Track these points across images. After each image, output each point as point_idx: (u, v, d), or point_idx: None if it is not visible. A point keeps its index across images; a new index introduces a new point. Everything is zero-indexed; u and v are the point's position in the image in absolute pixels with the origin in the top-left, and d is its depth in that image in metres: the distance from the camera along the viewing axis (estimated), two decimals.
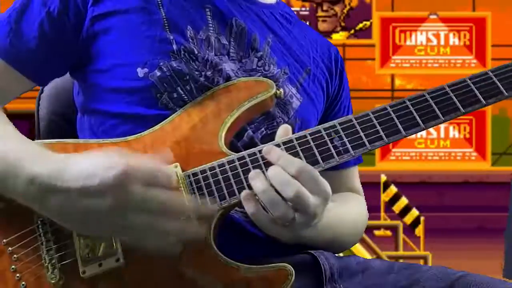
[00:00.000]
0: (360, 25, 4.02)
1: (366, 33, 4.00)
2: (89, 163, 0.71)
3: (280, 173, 0.74)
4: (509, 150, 3.91)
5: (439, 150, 3.96)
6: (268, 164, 0.77)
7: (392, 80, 4.00)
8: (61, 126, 1.12)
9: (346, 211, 0.99)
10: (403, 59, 4.02)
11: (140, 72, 0.88)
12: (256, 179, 0.75)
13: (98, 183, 0.69)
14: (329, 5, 3.98)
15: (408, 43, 4.04)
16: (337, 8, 4.00)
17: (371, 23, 4.02)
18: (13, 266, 0.77)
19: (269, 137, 0.83)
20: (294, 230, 0.76)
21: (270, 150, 0.77)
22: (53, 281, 0.75)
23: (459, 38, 4.02)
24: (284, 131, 0.81)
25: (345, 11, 3.99)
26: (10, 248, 0.78)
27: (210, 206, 0.76)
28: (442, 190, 3.70)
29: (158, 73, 0.88)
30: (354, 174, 1.11)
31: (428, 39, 4.03)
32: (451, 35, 4.02)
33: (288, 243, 0.85)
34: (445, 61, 4.01)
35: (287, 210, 0.73)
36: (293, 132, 0.95)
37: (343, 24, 3.96)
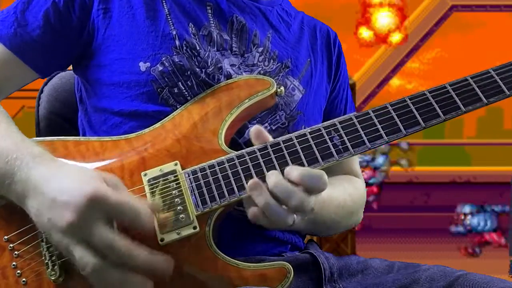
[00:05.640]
0: None
1: None
2: (69, 178, 0.71)
3: (281, 182, 0.73)
4: None
5: None
6: (268, 162, 0.77)
7: None
8: (61, 126, 1.13)
9: (329, 192, 0.95)
10: None
11: (142, 66, 0.88)
12: (256, 193, 0.73)
13: (65, 199, 0.68)
14: None
15: None
16: None
17: None
18: (14, 263, 0.78)
19: (272, 133, 0.82)
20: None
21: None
22: (53, 278, 0.75)
23: None
24: (256, 133, 0.79)
25: None
26: (11, 245, 0.79)
27: (163, 260, 0.71)
28: None
29: (160, 68, 0.88)
30: (353, 158, 1.08)
31: None
32: None
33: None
34: None
35: (287, 217, 0.73)
36: (295, 124, 0.95)
37: None
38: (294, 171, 0.73)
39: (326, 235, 1.01)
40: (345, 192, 1.00)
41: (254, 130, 0.78)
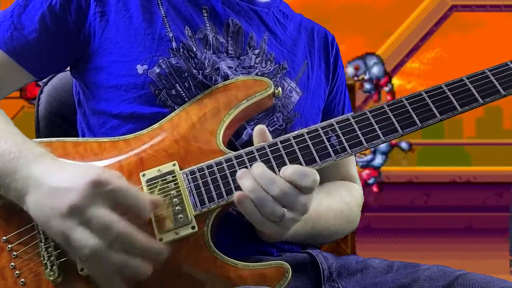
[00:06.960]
0: None
1: None
2: (72, 171, 0.72)
3: (264, 172, 0.74)
4: None
5: None
6: (265, 162, 0.77)
7: None
8: (60, 126, 1.13)
9: (328, 203, 0.97)
10: None
11: (140, 69, 0.89)
12: (244, 178, 0.75)
13: (67, 185, 0.69)
14: None
15: None
16: None
17: None
18: (12, 263, 0.78)
19: (271, 134, 0.82)
20: (284, 226, 0.76)
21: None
22: (51, 278, 0.76)
23: None
24: (259, 133, 0.80)
25: None
26: (9, 245, 0.79)
27: (160, 246, 0.72)
28: None
29: (157, 70, 0.88)
30: (351, 162, 1.10)
31: None
32: None
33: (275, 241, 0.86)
34: None
35: (275, 207, 0.73)
36: (292, 126, 0.96)
37: None
38: (288, 169, 0.75)
39: (322, 244, 1.01)
40: (341, 201, 1.00)
41: (258, 128, 0.80)
